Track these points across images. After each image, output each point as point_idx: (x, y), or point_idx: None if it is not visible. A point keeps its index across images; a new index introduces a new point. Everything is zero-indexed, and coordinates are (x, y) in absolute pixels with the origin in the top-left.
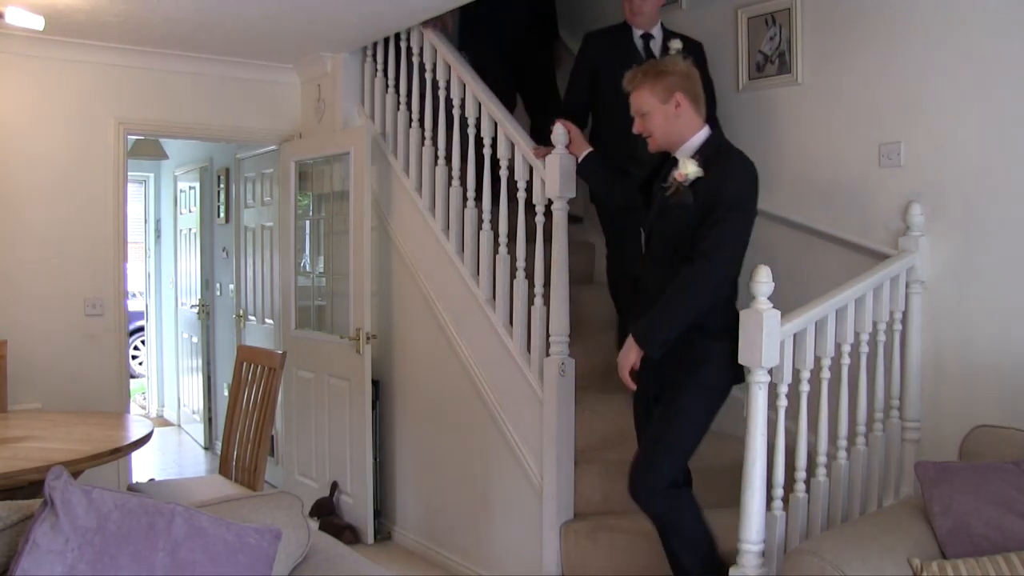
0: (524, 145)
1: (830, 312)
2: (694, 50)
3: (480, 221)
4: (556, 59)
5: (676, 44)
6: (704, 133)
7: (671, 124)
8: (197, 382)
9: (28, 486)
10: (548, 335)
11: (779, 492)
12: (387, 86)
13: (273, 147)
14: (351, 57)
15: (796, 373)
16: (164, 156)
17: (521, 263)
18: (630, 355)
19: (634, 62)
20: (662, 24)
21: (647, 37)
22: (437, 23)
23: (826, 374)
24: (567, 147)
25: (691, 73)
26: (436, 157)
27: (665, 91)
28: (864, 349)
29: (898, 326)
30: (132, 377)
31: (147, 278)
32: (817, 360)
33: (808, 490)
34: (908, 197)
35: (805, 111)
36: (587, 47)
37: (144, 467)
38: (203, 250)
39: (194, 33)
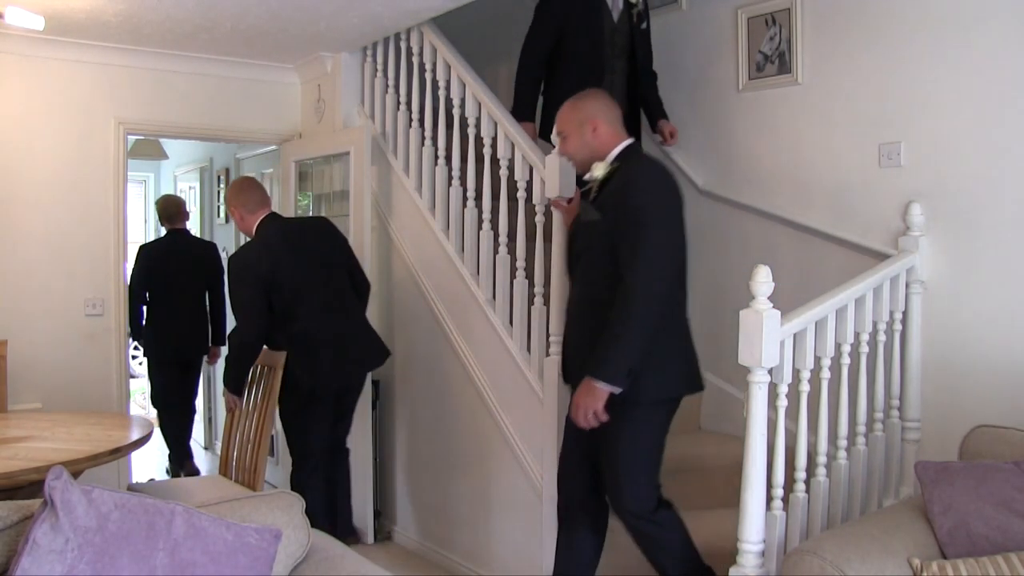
0: (524, 145)
1: (830, 312)
2: None
3: (480, 221)
4: None
5: None
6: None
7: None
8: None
9: (28, 486)
10: (548, 335)
11: (779, 492)
12: (387, 86)
13: (273, 147)
14: (351, 57)
15: (796, 373)
16: (164, 156)
17: (521, 263)
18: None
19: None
20: None
21: None
22: None
23: (826, 374)
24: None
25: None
26: (436, 157)
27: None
28: (864, 349)
29: (898, 326)
30: (132, 377)
31: None
32: (817, 360)
33: (808, 490)
34: (908, 197)
35: (805, 111)
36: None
37: (144, 467)
38: None
39: (194, 33)
